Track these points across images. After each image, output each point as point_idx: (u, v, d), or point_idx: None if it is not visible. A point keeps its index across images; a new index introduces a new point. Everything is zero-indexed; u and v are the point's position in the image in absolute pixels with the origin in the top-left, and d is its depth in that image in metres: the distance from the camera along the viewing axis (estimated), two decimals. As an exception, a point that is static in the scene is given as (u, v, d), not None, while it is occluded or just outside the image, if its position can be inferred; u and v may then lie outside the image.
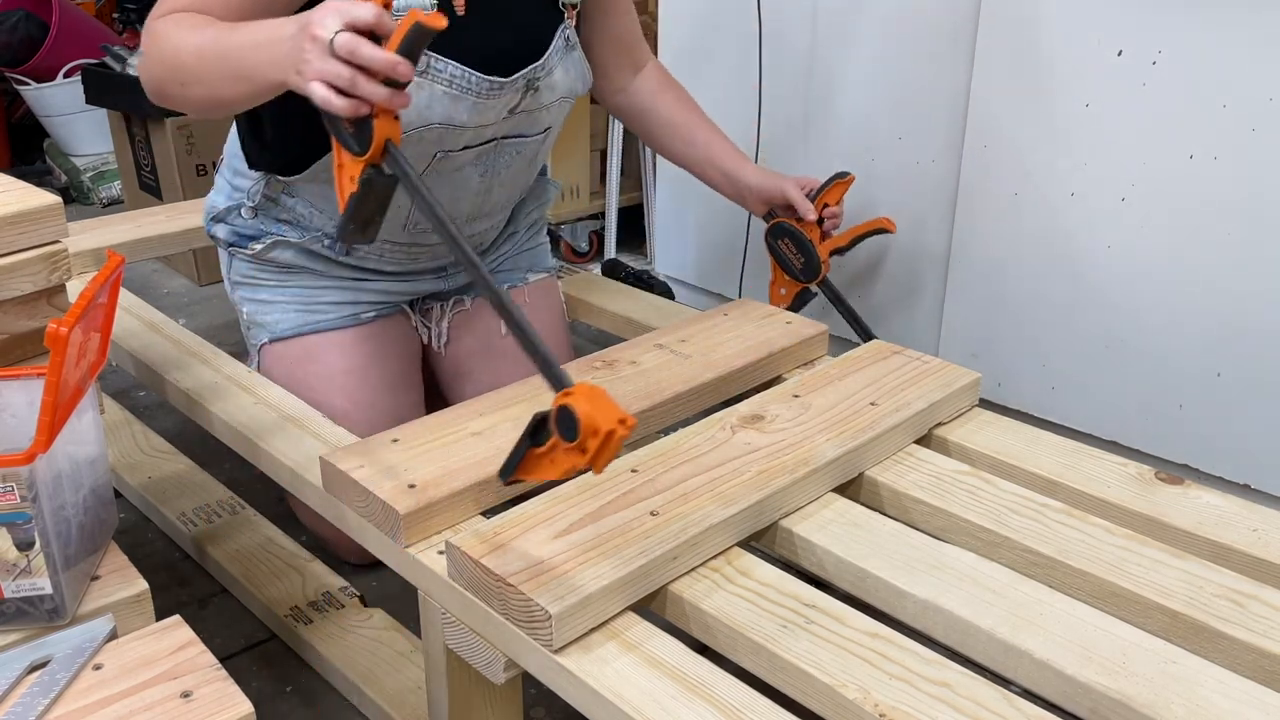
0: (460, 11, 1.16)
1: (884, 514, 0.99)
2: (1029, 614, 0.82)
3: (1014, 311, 1.52)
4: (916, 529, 0.96)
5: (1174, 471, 1.11)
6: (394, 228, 1.29)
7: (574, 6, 1.28)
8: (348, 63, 0.85)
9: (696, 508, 0.91)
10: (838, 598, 0.86)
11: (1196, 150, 1.28)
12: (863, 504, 1.00)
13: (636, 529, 0.88)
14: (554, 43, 1.25)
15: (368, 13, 0.86)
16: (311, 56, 0.87)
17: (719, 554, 0.91)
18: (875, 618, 0.84)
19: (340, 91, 0.86)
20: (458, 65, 1.16)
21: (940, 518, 0.99)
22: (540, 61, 1.24)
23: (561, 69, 1.27)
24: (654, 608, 0.89)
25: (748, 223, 1.78)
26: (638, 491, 0.94)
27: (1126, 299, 1.39)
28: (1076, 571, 0.90)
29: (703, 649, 0.83)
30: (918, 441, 1.10)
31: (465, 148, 1.24)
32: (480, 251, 1.44)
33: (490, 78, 1.19)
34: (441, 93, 1.16)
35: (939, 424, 1.13)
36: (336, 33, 0.86)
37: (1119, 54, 1.32)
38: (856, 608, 0.85)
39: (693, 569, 0.89)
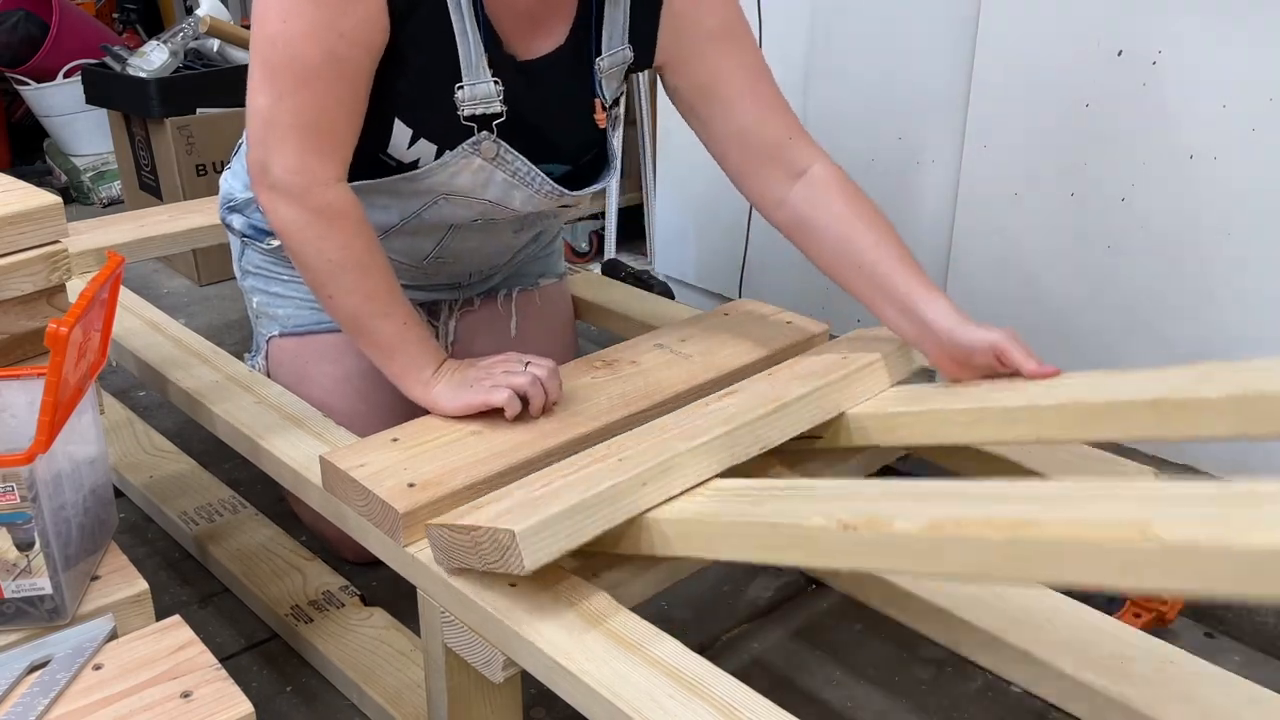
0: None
1: (874, 444, 1.02)
2: (1028, 614, 0.82)
3: (1014, 311, 1.52)
4: (906, 447, 0.97)
5: (1174, 471, 1.11)
6: (415, 258, 1.30)
7: (611, 106, 1.24)
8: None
9: (666, 444, 0.93)
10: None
11: (1196, 150, 1.28)
12: (853, 445, 1.03)
13: (606, 470, 0.90)
14: (610, 147, 1.26)
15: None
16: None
17: (698, 484, 0.92)
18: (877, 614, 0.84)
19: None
20: (525, 162, 1.17)
21: (926, 420, 1.00)
22: (610, 174, 1.27)
23: (617, 157, 1.28)
24: (628, 545, 0.90)
25: (748, 222, 1.78)
26: (610, 454, 0.95)
27: (1126, 299, 1.39)
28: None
29: (702, 649, 0.83)
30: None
31: (510, 218, 1.26)
32: (498, 267, 1.46)
33: (559, 186, 1.21)
34: (502, 179, 1.18)
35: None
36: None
37: (1119, 54, 1.32)
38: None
39: (669, 499, 0.90)
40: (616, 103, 1.25)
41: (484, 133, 1.13)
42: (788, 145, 1.18)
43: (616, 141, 1.28)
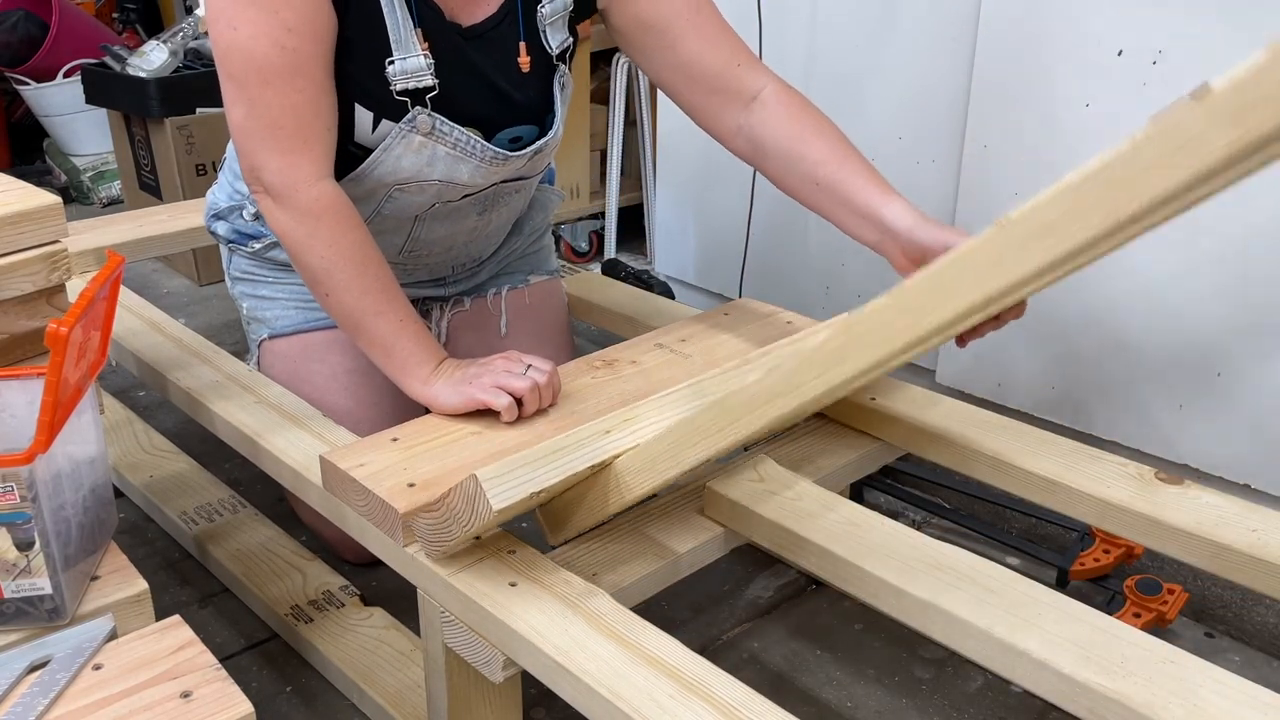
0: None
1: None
2: (1027, 613, 0.82)
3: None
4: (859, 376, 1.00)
5: (1174, 471, 1.11)
6: (390, 253, 1.30)
7: (562, 55, 1.24)
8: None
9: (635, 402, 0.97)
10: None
11: (1196, 150, 1.28)
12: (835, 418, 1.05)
13: (576, 424, 0.94)
14: (556, 105, 1.25)
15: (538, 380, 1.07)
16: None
17: None
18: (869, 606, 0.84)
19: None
20: (464, 131, 1.17)
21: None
22: (551, 134, 1.25)
23: (561, 118, 1.26)
24: (598, 494, 0.92)
25: (748, 223, 1.78)
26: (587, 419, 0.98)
27: (1126, 299, 1.39)
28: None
29: (702, 649, 0.83)
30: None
31: (464, 196, 1.25)
32: (480, 260, 1.45)
33: (498, 149, 1.20)
34: (444, 153, 1.17)
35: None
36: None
37: (1119, 54, 1.32)
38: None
39: (636, 446, 0.92)
40: (563, 57, 1.24)
41: (417, 107, 1.14)
42: (735, 72, 1.19)
43: (563, 101, 1.26)
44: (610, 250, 2.36)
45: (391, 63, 1.11)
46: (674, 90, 1.23)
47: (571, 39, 1.25)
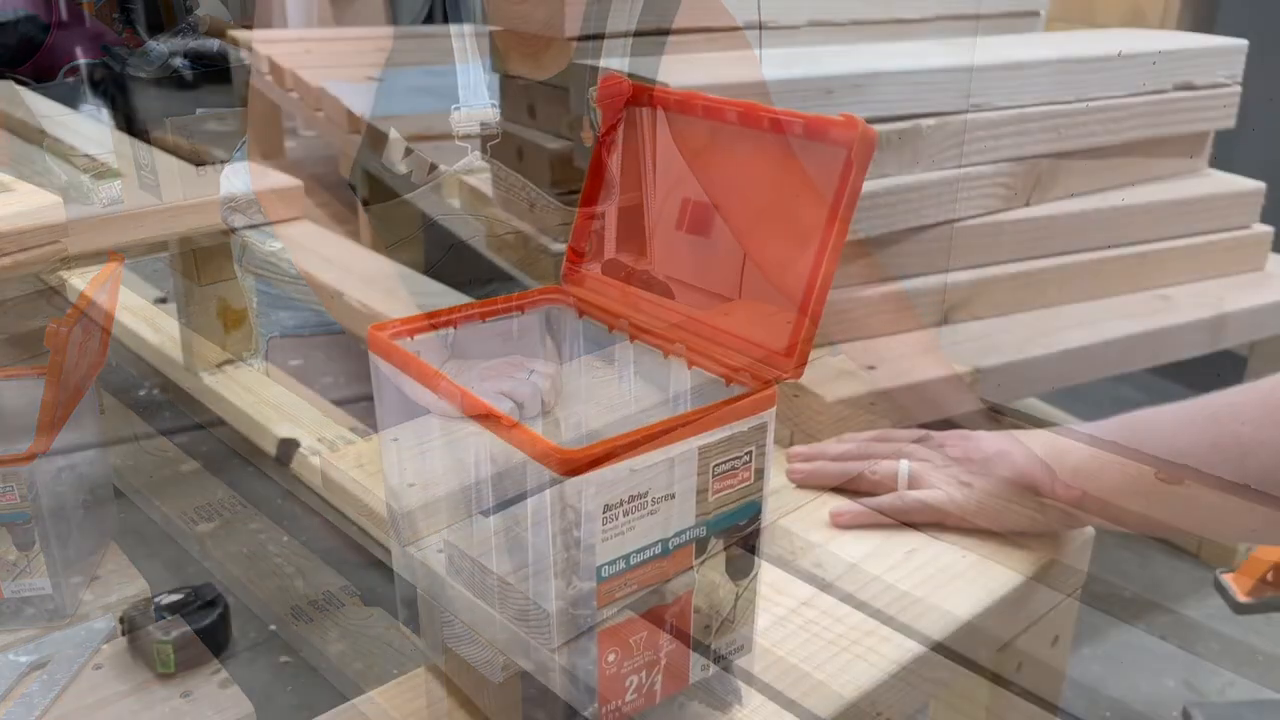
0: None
1: None
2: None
3: (1014, 312, 1.52)
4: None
5: (1174, 471, 1.11)
6: (415, 268, 1.29)
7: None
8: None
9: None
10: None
11: (1196, 150, 1.28)
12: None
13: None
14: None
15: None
16: None
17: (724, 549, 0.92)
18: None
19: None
20: (518, 176, 1.16)
21: None
22: None
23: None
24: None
25: (748, 222, 1.78)
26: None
27: (1127, 299, 1.39)
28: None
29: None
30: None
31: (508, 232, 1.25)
32: (495, 271, 1.45)
33: (554, 200, 1.19)
34: (497, 195, 1.17)
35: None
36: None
37: (1119, 54, 1.32)
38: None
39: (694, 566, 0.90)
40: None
41: (475, 153, 1.13)
42: None
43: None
44: (610, 250, 2.36)
45: (457, 108, 1.11)
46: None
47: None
